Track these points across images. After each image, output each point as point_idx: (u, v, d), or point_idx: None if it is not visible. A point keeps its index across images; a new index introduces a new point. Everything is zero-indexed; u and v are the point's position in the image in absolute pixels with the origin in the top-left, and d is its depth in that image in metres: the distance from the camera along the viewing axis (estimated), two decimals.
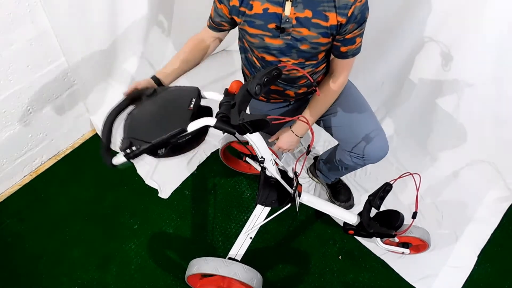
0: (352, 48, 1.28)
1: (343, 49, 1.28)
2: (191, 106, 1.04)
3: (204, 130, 1.07)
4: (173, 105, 1.08)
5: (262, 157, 1.28)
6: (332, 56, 1.36)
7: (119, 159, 1.05)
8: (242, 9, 1.20)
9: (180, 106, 1.05)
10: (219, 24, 1.32)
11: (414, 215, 1.40)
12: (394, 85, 2.13)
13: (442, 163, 2.15)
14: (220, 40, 1.43)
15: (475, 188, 2.08)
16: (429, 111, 2.07)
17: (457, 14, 1.66)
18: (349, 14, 1.15)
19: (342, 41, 1.25)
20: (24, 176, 1.97)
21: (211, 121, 1.03)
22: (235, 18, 1.25)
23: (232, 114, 1.02)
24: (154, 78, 1.25)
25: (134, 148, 1.00)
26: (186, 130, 1.01)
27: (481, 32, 1.64)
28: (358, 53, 1.31)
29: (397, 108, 2.19)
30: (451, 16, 1.68)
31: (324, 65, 1.41)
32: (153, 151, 1.03)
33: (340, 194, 1.98)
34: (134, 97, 1.13)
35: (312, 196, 1.56)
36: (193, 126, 1.01)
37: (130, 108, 1.13)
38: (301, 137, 1.50)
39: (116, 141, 1.07)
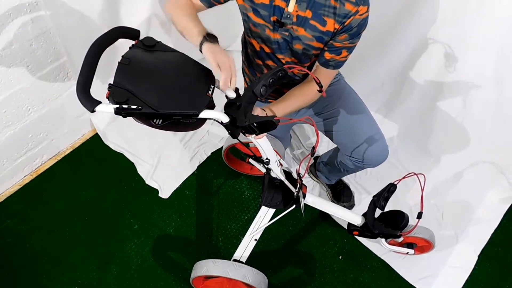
0: (335, 59, 1.26)
1: (327, 55, 1.26)
2: (210, 92, 0.97)
3: (205, 119, 1.00)
4: (189, 79, 0.98)
5: (267, 159, 1.28)
6: (316, 64, 1.34)
7: (105, 108, 0.88)
8: None
9: (197, 85, 0.97)
10: (212, 3, 1.25)
11: (419, 215, 1.39)
12: (394, 86, 2.13)
13: (442, 163, 2.14)
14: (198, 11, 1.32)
15: (475, 188, 2.08)
16: (429, 111, 2.06)
17: (457, 15, 1.65)
18: (346, 23, 1.15)
19: (329, 46, 1.24)
20: (24, 176, 1.97)
21: (224, 118, 0.99)
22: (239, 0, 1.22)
23: (238, 115, 1.01)
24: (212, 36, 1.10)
25: (133, 106, 0.87)
26: (197, 115, 0.94)
27: (481, 33, 1.63)
28: (340, 66, 1.30)
29: (397, 108, 2.19)
30: (451, 16, 1.68)
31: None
32: (150, 118, 0.92)
33: (341, 194, 1.98)
34: (126, 33, 0.99)
35: (317, 197, 1.55)
36: (205, 114, 0.95)
37: (119, 43, 0.99)
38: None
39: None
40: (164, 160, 2.06)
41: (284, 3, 1.17)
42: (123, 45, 1.05)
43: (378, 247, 1.86)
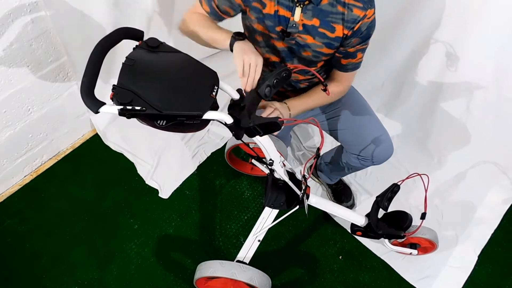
0: (352, 62, 1.29)
1: (343, 61, 1.29)
2: (213, 93, 0.97)
3: (209, 120, 1.00)
4: (193, 80, 0.98)
5: (271, 160, 1.28)
6: (334, 71, 1.37)
7: (109, 109, 0.88)
8: (255, 4, 1.19)
9: (200, 87, 0.97)
10: (224, 12, 1.24)
11: (423, 216, 1.39)
12: (394, 86, 2.13)
13: (443, 163, 2.14)
14: None
15: (476, 188, 2.07)
16: (430, 111, 2.06)
17: (458, 15, 1.66)
18: (355, 28, 1.17)
19: (344, 53, 1.26)
20: (24, 176, 1.97)
21: (228, 119, 0.99)
22: (247, 9, 1.22)
23: (242, 116, 1.01)
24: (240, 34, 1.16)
25: (137, 107, 0.87)
26: (201, 116, 0.94)
27: (482, 33, 1.64)
28: (358, 67, 1.32)
29: (397, 108, 2.19)
30: (452, 16, 1.68)
31: (323, 74, 1.42)
32: (153, 119, 0.92)
33: (342, 194, 1.98)
34: (130, 33, 0.99)
35: (320, 198, 1.55)
36: (209, 115, 0.94)
37: (121, 43, 0.98)
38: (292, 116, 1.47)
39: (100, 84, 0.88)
40: (164, 160, 2.06)
41: (289, 13, 1.17)
42: (122, 46, 1.05)
43: (378, 247, 1.86)
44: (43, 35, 1.57)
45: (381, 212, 1.51)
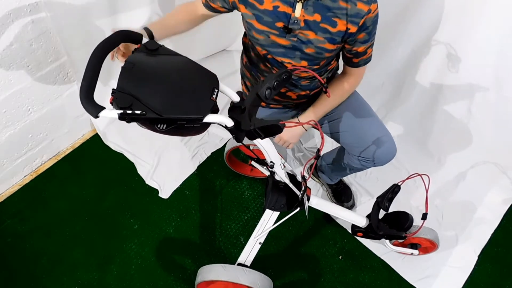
0: (364, 58, 1.32)
1: (355, 60, 1.32)
2: (214, 96, 0.95)
3: (209, 123, 0.99)
4: (193, 83, 0.97)
5: (271, 162, 1.27)
6: (346, 68, 1.40)
7: (109, 114, 0.87)
8: (252, 1, 1.19)
9: (200, 89, 0.96)
10: (216, 10, 1.32)
11: (424, 217, 1.39)
12: (394, 86, 2.13)
13: (442, 163, 2.14)
14: (206, 19, 1.42)
15: (476, 189, 2.07)
16: (430, 111, 2.06)
17: (458, 15, 1.65)
18: (360, 24, 1.16)
19: (355, 53, 1.28)
20: (24, 176, 1.97)
21: (229, 122, 0.99)
22: (242, 6, 1.23)
23: (242, 119, 1.00)
24: (147, 30, 1.23)
25: (136, 111, 0.86)
26: (202, 120, 0.93)
27: (482, 33, 1.63)
28: (369, 61, 1.35)
29: (397, 108, 2.19)
30: (452, 16, 1.68)
31: (325, 73, 1.43)
32: (154, 123, 0.91)
33: (342, 194, 1.97)
34: (128, 37, 1.00)
35: (321, 200, 1.55)
36: (210, 119, 0.93)
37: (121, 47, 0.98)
38: (306, 130, 1.50)
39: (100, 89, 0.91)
40: (164, 160, 2.06)
41: (290, 9, 1.16)
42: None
43: (378, 247, 1.86)
44: (43, 35, 1.57)
45: (381, 213, 1.51)
